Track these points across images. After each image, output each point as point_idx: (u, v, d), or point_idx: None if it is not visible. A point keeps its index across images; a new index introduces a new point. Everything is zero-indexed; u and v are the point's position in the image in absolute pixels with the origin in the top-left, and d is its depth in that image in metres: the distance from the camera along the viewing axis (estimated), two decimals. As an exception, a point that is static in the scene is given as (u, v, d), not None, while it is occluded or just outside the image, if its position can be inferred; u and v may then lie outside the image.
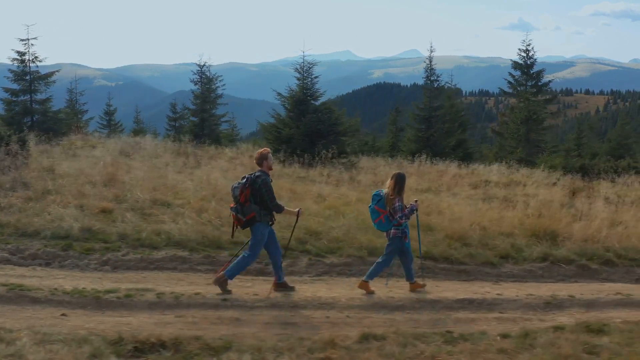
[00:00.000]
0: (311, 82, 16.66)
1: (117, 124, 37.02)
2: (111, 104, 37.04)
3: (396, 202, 6.43)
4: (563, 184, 14.11)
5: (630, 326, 5.57)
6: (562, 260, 7.86)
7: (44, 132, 19.35)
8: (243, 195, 6.13)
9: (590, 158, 34.60)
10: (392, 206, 6.43)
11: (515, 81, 25.33)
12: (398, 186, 6.47)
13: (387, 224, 6.50)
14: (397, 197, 6.45)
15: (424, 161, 15.91)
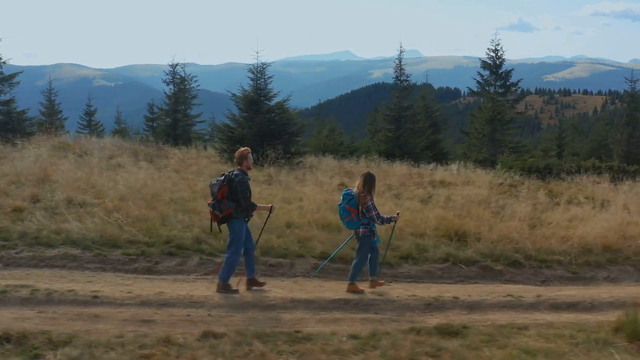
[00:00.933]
0: (264, 83, 16.63)
1: (97, 124, 37.06)
2: (91, 104, 37.06)
3: (368, 200, 6.53)
4: (508, 184, 14.08)
5: (492, 329, 5.51)
6: (464, 261, 7.81)
7: (6, 133, 19.43)
8: (220, 193, 6.31)
9: (570, 157, 34.61)
10: (364, 205, 6.52)
11: (485, 81, 25.28)
12: (367, 185, 6.60)
13: (356, 223, 6.62)
14: (368, 195, 6.56)
15: (378, 161, 15.90)
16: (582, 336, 5.21)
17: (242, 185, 6.28)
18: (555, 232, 9.10)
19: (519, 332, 5.42)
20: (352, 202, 6.63)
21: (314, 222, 8.72)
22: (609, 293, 7.30)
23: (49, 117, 32.49)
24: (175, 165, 15.05)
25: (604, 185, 16.11)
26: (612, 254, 8.72)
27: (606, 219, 9.90)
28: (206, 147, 19.12)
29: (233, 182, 6.31)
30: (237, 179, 6.30)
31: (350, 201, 6.64)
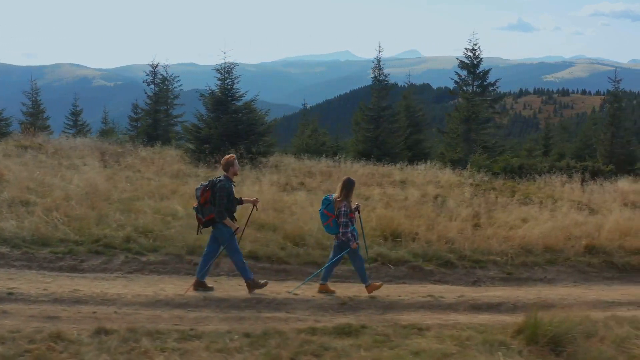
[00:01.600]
0: (232, 83, 16.68)
1: (83, 124, 37.10)
2: (77, 105, 37.07)
3: (342, 206, 6.66)
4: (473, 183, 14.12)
5: (391, 329, 5.50)
6: (394, 261, 7.84)
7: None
8: (203, 197, 6.51)
9: (556, 158, 34.61)
10: (338, 209, 6.68)
11: (462, 80, 25.28)
12: (345, 190, 6.72)
13: (335, 227, 6.75)
14: (343, 201, 6.68)
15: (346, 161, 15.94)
16: (480, 338, 5.20)
17: (221, 191, 6.43)
18: (497, 233, 9.09)
19: (418, 333, 5.43)
20: (329, 207, 6.78)
21: (251, 222, 8.73)
22: (537, 294, 7.30)
23: (32, 117, 32.53)
24: (138, 165, 15.13)
25: (573, 186, 16.18)
26: (553, 255, 8.71)
27: (553, 219, 9.93)
28: (177, 147, 19.16)
29: (215, 187, 6.47)
30: (219, 185, 6.47)
31: (328, 206, 6.79)
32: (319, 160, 16.52)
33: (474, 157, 18.03)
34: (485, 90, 24.86)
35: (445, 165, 19.62)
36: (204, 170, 14.60)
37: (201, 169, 14.84)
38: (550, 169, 19.23)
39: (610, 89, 32.99)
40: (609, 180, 18.49)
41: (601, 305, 7.08)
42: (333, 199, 6.79)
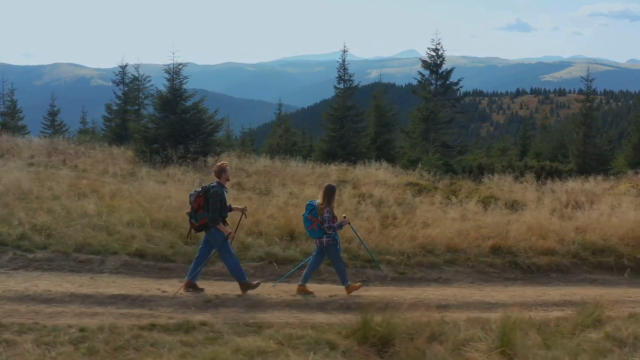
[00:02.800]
0: (180, 83, 16.77)
1: (60, 124, 37.16)
2: (54, 104, 37.13)
3: (325, 212, 6.94)
4: (407, 182, 14.18)
5: (227, 327, 5.54)
6: (282, 260, 7.91)
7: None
8: (196, 203, 6.77)
9: (533, 157, 34.68)
10: (321, 215, 6.94)
11: (425, 80, 25.30)
12: (327, 197, 7.03)
13: (318, 232, 7.03)
14: (326, 207, 6.97)
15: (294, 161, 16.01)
16: (314, 337, 5.24)
17: (214, 196, 6.68)
18: (403, 232, 9.16)
19: (256, 331, 5.47)
20: (313, 212, 7.03)
21: (156, 220, 8.80)
22: (418, 295, 7.34)
23: (7, 117, 32.63)
24: (85, 165, 15.23)
25: (524, 185, 16.26)
26: (454, 255, 8.78)
27: (466, 220, 9.99)
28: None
29: (208, 194, 6.71)
30: (212, 191, 6.71)
31: (311, 211, 7.04)
32: (256, 160, 16.59)
33: (426, 157, 18.07)
34: (447, 90, 24.90)
35: (405, 165, 19.71)
36: (147, 169, 14.69)
37: (145, 168, 14.94)
38: (507, 169, 19.34)
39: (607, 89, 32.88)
40: (568, 180, 18.62)
41: (482, 306, 7.16)
42: (316, 204, 7.03)
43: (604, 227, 10.44)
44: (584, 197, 15.14)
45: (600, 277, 9.26)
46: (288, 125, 30.13)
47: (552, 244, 9.41)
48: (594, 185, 18.80)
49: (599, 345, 5.36)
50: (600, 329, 5.69)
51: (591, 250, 9.65)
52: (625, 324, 5.87)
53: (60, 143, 20.17)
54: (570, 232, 10.03)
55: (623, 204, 12.12)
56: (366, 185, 14.45)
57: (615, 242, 9.97)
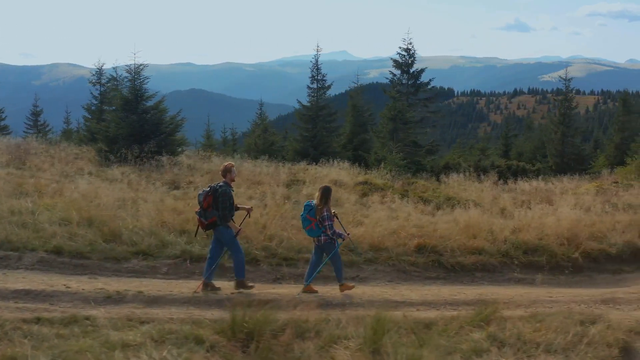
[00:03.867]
0: (140, 84, 16.79)
1: (43, 124, 37.20)
2: (37, 105, 37.17)
3: (324, 212, 7.30)
4: (362, 181, 14.18)
5: (112, 322, 5.52)
6: (197, 257, 7.91)
7: None
8: (206, 202, 7.03)
9: (515, 157, 34.68)
10: (320, 215, 7.28)
11: (397, 80, 25.28)
12: (324, 198, 7.39)
13: (317, 231, 7.37)
14: (324, 207, 7.33)
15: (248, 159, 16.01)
16: (186, 332, 5.24)
17: (223, 196, 7.00)
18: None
19: (137, 326, 5.47)
20: (311, 212, 7.37)
21: (85, 219, 8.82)
22: (325, 293, 7.36)
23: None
24: (44, 165, 15.24)
25: (483, 185, 16.29)
26: (377, 254, 8.77)
27: (397, 219, 9.99)
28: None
29: (217, 193, 7.00)
30: (221, 190, 7.02)
31: (310, 212, 7.38)
32: (208, 159, 16.61)
33: (390, 156, 18.08)
34: (418, 90, 24.89)
35: (372, 164, 19.69)
36: (103, 169, 14.72)
37: (101, 167, 14.98)
38: (473, 168, 19.34)
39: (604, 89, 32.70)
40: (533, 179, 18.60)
41: (388, 305, 7.07)
42: (314, 205, 7.36)
43: (542, 226, 10.45)
44: (540, 196, 15.20)
45: (529, 276, 9.23)
46: (266, 125, 30.14)
47: (481, 243, 9.40)
48: (560, 184, 18.83)
49: (477, 344, 5.35)
50: (485, 328, 5.66)
51: (523, 250, 9.65)
52: (513, 324, 5.85)
53: (31, 144, 20.22)
54: (505, 231, 10.03)
55: (564, 204, 12.09)
56: (320, 184, 14.42)
57: (549, 242, 9.97)
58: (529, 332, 5.66)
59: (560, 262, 9.67)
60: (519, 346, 5.33)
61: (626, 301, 8.52)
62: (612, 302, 8.36)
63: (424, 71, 25.00)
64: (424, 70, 25.02)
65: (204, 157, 17.17)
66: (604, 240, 10.82)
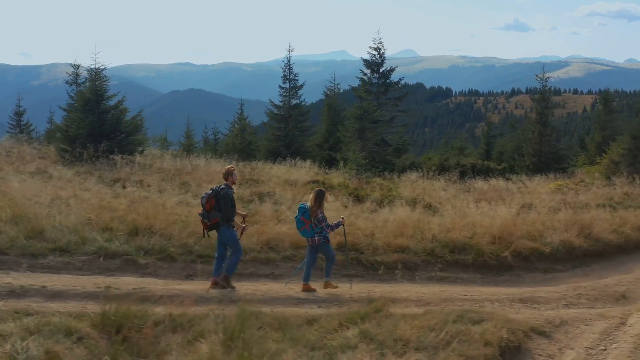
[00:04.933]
0: (101, 84, 16.90)
1: (26, 124, 37.24)
2: (20, 105, 37.22)
3: (319, 213, 7.67)
4: (311, 180, 14.26)
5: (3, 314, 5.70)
6: (112, 254, 8.00)
7: None
8: (208, 204, 7.37)
9: (496, 157, 34.67)
10: (315, 217, 7.65)
11: (367, 79, 25.32)
12: (318, 200, 7.73)
13: (311, 232, 7.74)
14: (318, 209, 7.68)
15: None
16: (59, 323, 5.29)
17: (225, 198, 7.34)
18: (257, 229, 9.24)
19: (20, 318, 5.54)
20: (305, 214, 7.72)
21: (15, 215, 8.89)
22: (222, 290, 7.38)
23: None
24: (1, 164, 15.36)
25: (438, 184, 16.38)
26: (296, 252, 8.82)
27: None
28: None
29: (219, 195, 7.33)
30: (223, 193, 7.36)
31: (304, 214, 7.73)
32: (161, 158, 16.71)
33: (352, 156, 18.14)
34: (388, 89, 24.95)
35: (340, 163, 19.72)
36: (59, 168, 14.81)
37: (58, 166, 15.07)
38: (439, 168, 19.41)
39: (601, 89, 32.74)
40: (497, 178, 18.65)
41: (289, 301, 7.22)
42: (308, 207, 7.70)
43: (475, 225, 10.52)
44: (492, 195, 15.26)
45: (453, 275, 9.34)
46: (244, 124, 30.20)
47: (406, 242, 9.47)
48: (526, 183, 18.90)
49: (347, 341, 5.41)
50: (359, 325, 5.73)
51: (450, 248, 9.71)
52: (392, 322, 5.92)
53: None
54: (435, 230, 10.09)
55: (514, 203, 12.22)
56: (273, 184, 14.52)
57: (480, 240, 10.04)
58: (408, 329, 5.72)
59: (488, 260, 9.76)
60: (389, 343, 5.39)
61: (546, 300, 8.63)
62: (531, 301, 8.47)
63: (394, 70, 25.08)
64: (394, 70, 25.10)
65: (157, 157, 17.24)
66: (539, 239, 10.92)
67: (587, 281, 9.99)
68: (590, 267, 10.88)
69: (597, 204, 16.35)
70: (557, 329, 7.12)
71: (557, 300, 8.62)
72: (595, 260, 11.20)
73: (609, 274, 10.48)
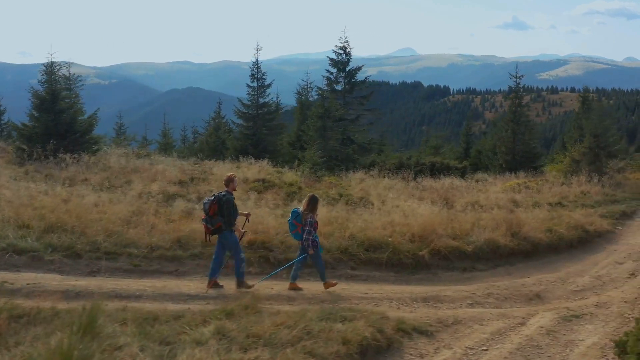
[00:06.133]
0: (56, 83, 17.02)
1: (7, 123, 37.29)
2: (1, 104, 37.26)
3: (308, 217, 8.09)
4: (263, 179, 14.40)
5: None
6: (20, 251, 8.10)
7: None
8: (212, 210, 7.80)
9: (474, 155, 34.72)
10: (305, 220, 8.07)
11: (334, 78, 25.41)
12: (311, 205, 8.18)
13: (302, 235, 8.16)
14: (310, 214, 8.12)
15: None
16: None
17: (227, 204, 7.81)
18: (169, 226, 9.39)
19: None
20: (298, 218, 8.18)
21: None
22: (117, 285, 7.56)
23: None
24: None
25: (385, 183, 16.52)
26: (204, 249, 8.88)
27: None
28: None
29: (221, 201, 7.76)
30: (224, 199, 7.81)
31: (296, 217, 8.19)
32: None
33: (307, 154, 18.25)
34: (353, 88, 25.04)
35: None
36: (12, 167, 14.98)
37: (10, 165, 15.25)
38: (397, 166, 19.52)
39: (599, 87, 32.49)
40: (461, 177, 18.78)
41: (178, 297, 7.34)
42: (301, 211, 8.15)
43: (393, 223, 10.63)
44: (442, 193, 15.39)
45: (365, 273, 9.43)
46: (220, 123, 30.32)
47: (321, 240, 9.55)
48: (477, 182, 19.03)
49: (200, 336, 5.53)
50: (215, 322, 5.84)
51: (365, 247, 9.81)
52: (256, 319, 6.05)
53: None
54: (353, 228, 10.20)
55: (423, 203, 12.31)
56: (218, 182, 14.63)
57: (398, 239, 10.14)
58: (267, 326, 5.83)
59: (404, 259, 9.84)
60: (240, 339, 5.51)
61: (451, 299, 8.70)
62: (434, 300, 8.55)
63: (360, 69, 25.19)
64: (360, 69, 25.21)
65: (116, 156, 17.39)
66: (464, 238, 11.00)
67: (505, 280, 10.01)
68: (514, 267, 10.89)
69: (548, 202, 16.52)
70: (446, 328, 7.25)
71: (463, 299, 8.68)
72: (521, 260, 11.22)
73: (533, 274, 10.49)
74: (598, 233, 13.76)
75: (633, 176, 23.46)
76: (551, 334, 7.27)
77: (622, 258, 12.15)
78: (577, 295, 9.50)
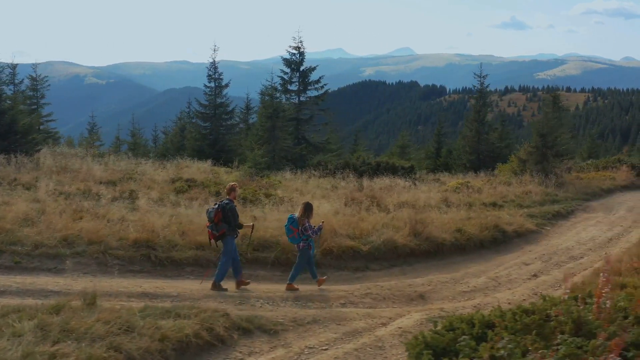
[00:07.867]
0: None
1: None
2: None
3: (305, 222, 8.88)
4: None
5: None
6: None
7: None
8: (217, 217, 8.51)
9: (445, 155, 34.94)
10: (302, 226, 8.85)
11: (288, 78, 25.59)
12: (306, 212, 8.95)
13: (298, 239, 8.94)
14: (306, 219, 8.90)
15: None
16: None
17: (232, 211, 8.62)
18: (64, 225, 9.63)
19: None
20: (294, 223, 8.90)
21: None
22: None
23: None
24: None
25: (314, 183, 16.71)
26: (88, 247, 9.12)
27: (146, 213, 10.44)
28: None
29: (225, 209, 8.53)
30: (228, 207, 8.60)
31: (293, 223, 8.90)
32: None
33: (250, 154, 18.49)
34: (307, 88, 25.24)
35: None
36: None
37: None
38: (342, 166, 19.72)
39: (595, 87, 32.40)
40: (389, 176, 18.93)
41: (39, 294, 7.55)
42: (297, 217, 8.88)
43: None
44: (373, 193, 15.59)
45: (249, 272, 9.55)
46: (183, 125, 30.56)
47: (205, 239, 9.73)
48: (416, 182, 19.23)
49: (20, 330, 5.73)
50: (39, 316, 6.04)
51: (253, 246, 9.96)
52: (86, 314, 6.26)
53: None
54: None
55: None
56: (148, 182, 14.88)
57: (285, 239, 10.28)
58: (89, 321, 6.04)
59: (292, 258, 9.96)
60: (55, 333, 5.72)
61: (324, 299, 8.75)
62: (305, 299, 8.51)
63: (314, 69, 25.39)
64: (314, 69, 25.41)
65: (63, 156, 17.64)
66: (362, 238, 11.15)
67: (394, 280, 10.06)
68: (412, 267, 10.96)
69: (482, 202, 16.72)
70: (298, 327, 7.32)
71: (337, 299, 8.72)
72: (422, 260, 11.30)
73: (429, 274, 10.58)
74: (517, 233, 13.93)
75: (585, 176, 23.68)
76: (404, 335, 7.19)
77: (532, 259, 12.26)
78: (464, 296, 9.56)
